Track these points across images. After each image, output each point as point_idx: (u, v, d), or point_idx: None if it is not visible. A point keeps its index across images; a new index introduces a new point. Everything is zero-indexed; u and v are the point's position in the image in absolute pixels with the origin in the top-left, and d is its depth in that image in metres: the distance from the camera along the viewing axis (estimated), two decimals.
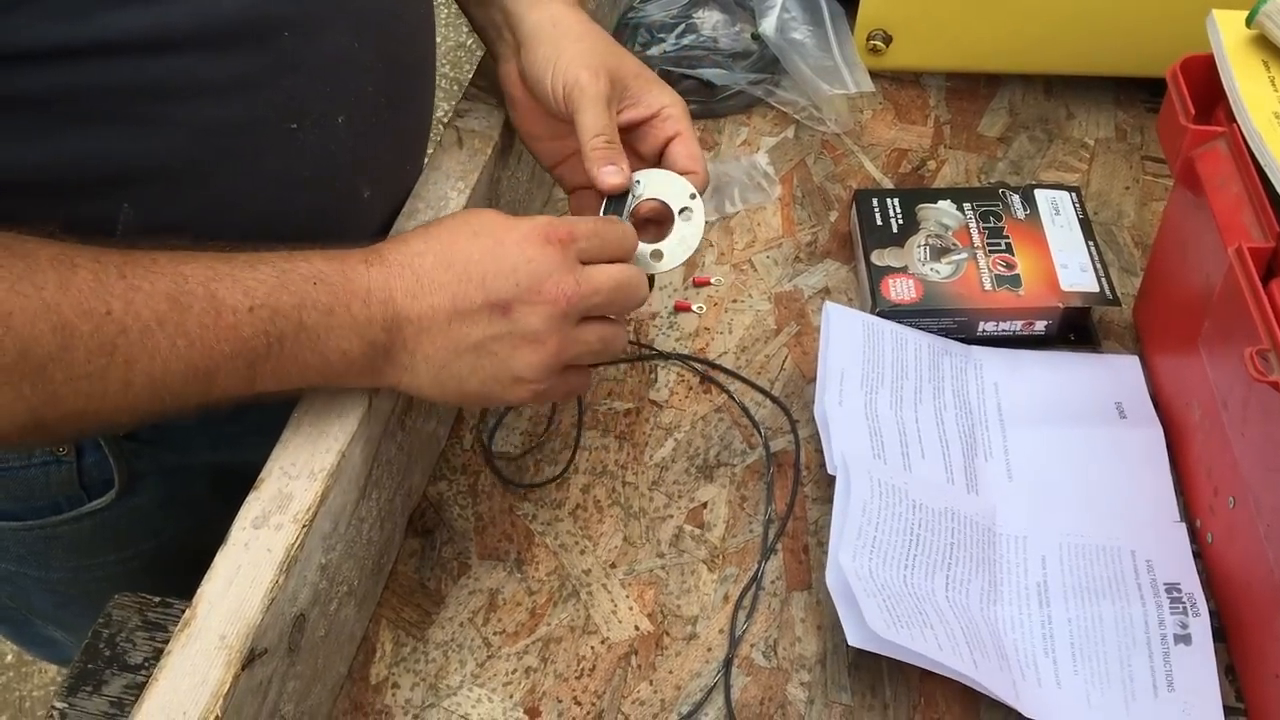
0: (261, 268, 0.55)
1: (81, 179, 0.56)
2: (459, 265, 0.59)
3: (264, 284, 0.55)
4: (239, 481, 0.60)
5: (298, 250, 0.58)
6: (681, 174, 0.69)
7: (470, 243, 0.60)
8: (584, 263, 0.61)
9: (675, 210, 0.69)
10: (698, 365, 0.82)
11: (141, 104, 0.55)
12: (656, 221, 0.70)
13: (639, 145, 0.72)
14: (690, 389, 0.81)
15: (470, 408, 0.72)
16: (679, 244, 0.69)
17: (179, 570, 0.63)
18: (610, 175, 0.67)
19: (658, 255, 0.68)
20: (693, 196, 0.69)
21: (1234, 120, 0.67)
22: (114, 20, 0.52)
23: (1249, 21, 0.69)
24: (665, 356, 0.82)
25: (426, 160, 0.77)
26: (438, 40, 2.64)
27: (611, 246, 0.63)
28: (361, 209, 0.70)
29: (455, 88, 2.54)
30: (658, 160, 0.71)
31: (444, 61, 2.62)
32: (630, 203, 0.69)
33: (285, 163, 0.62)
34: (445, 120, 0.78)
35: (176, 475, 0.77)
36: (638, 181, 0.69)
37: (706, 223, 0.90)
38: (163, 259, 0.53)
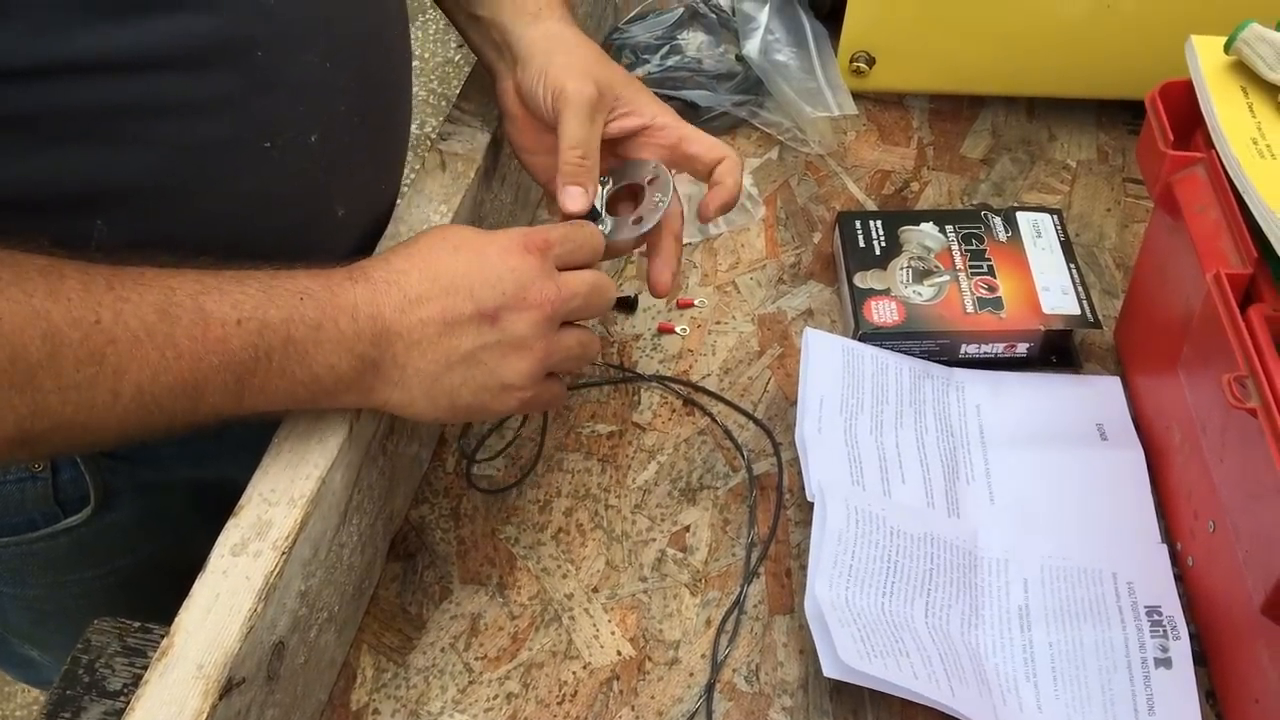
0: (248, 282, 0.56)
1: (55, 197, 0.56)
2: (445, 278, 0.60)
3: (251, 298, 0.55)
4: (217, 498, 0.60)
5: (283, 267, 0.58)
6: (715, 163, 0.72)
7: (452, 257, 0.61)
8: (559, 268, 0.63)
9: (644, 183, 0.72)
10: (680, 388, 0.82)
11: (115, 123, 0.55)
12: (632, 199, 0.73)
13: (638, 154, 0.73)
14: (673, 411, 0.81)
15: (458, 421, 0.72)
16: (653, 208, 0.71)
17: (157, 588, 0.63)
18: (571, 199, 0.69)
19: (638, 220, 0.71)
20: (656, 166, 0.72)
21: (1212, 146, 0.67)
22: (89, 40, 0.52)
23: (1227, 48, 0.70)
24: (647, 379, 0.82)
25: (409, 183, 0.77)
26: (425, 56, 2.65)
27: (584, 250, 0.65)
28: (336, 228, 0.70)
29: (443, 104, 2.54)
30: (669, 161, 0.73)
31: (431, 77, 2.62)
32: (603, 197, 0.72)
33: (259, 182, 0.63)
34: (432, 137, 0.78)
35: (154, 492, 0.77)
36: (605, 180, 0.73)
37: (689, 244, 0.91)
38: (150, 273, 0.53)
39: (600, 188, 0.72)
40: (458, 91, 0.83)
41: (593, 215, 0.70)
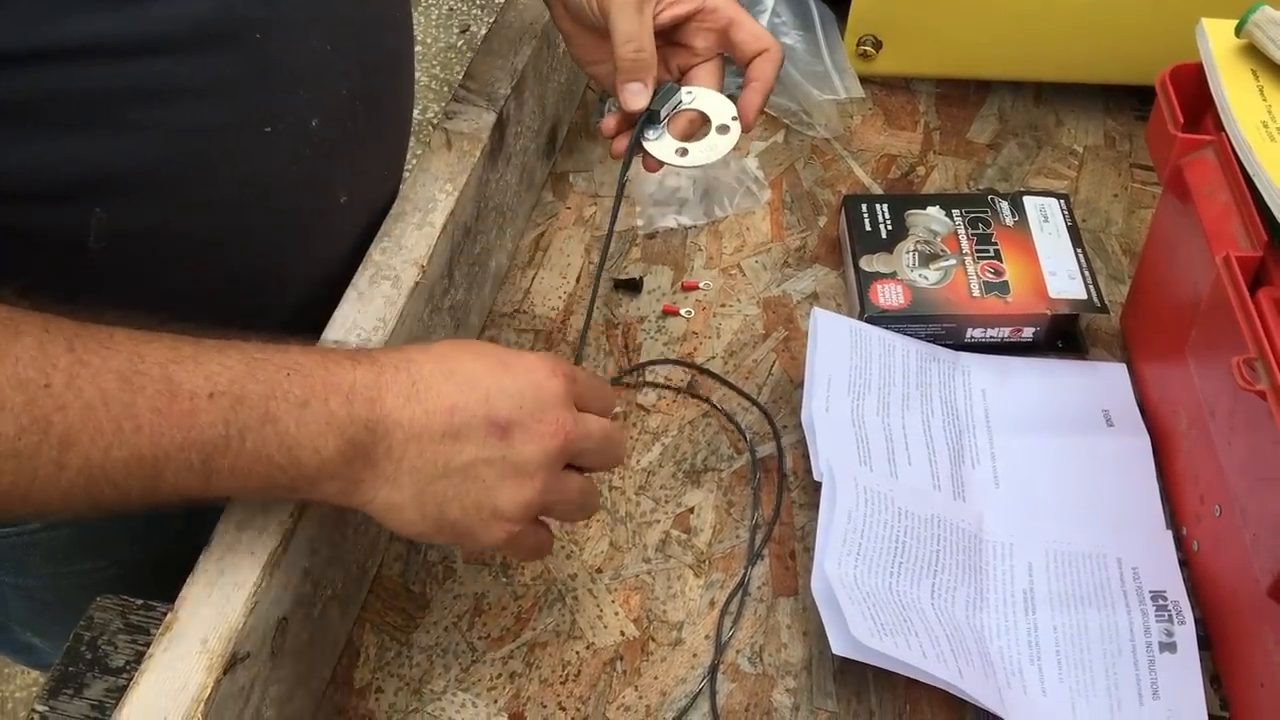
0: (230, 353, 0.51)
1: (54, 183, 0.55)
2: (461, 376, 0.55)
3: (230, 369, 0.50)
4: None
5: (275, 341, 0.54)
6: (755, 55, 0.71)
7: (473, 360, 0.57)
8: (577, 407, 0.59)
9: (714, 124, 0.71)
10: (685, 370, 0.82)
11: (114, 108, 0.54)
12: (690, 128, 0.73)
13: (693, 40, 0.73)
14: (678, 393, 0.80)
15: (439, 542, 0.62)
16: (708, 149, 0.70)
17: (159, 580, 0.62)
18: (633, 95, 0.70)
19: (683, 152, 0.71)
20: (734, 118, 0.71)
21: (1222, 129, 0.67)
22: (86, 24, 0.51)
23: (1238, 31, 0.70)
24: (651, 364, 0.82)
25: (415, 162, 0.76)
26: (428, 41, 2.64)
27: (601, 400, 0.61)
28: (339, 213, 0.69)
29: (445, 89, 2.54)
30: (719, 46, 0.72)
31: (434, 63, 2.61)
32: (676, 105, 0.71)
33: (260, 167, 0.62)
34: (434, 122, 0.78)
35: None
36: (690, 93, 0.72)
37: (694, 226, 0.91)
38: (121, 335, 0.49)
39: (677, 98, 0.71)
40: (459, 78, 0.83)
41: (653, 117, 0.71)
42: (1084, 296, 0.81)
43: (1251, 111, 0.66)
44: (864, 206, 0.87)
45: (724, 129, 0.72)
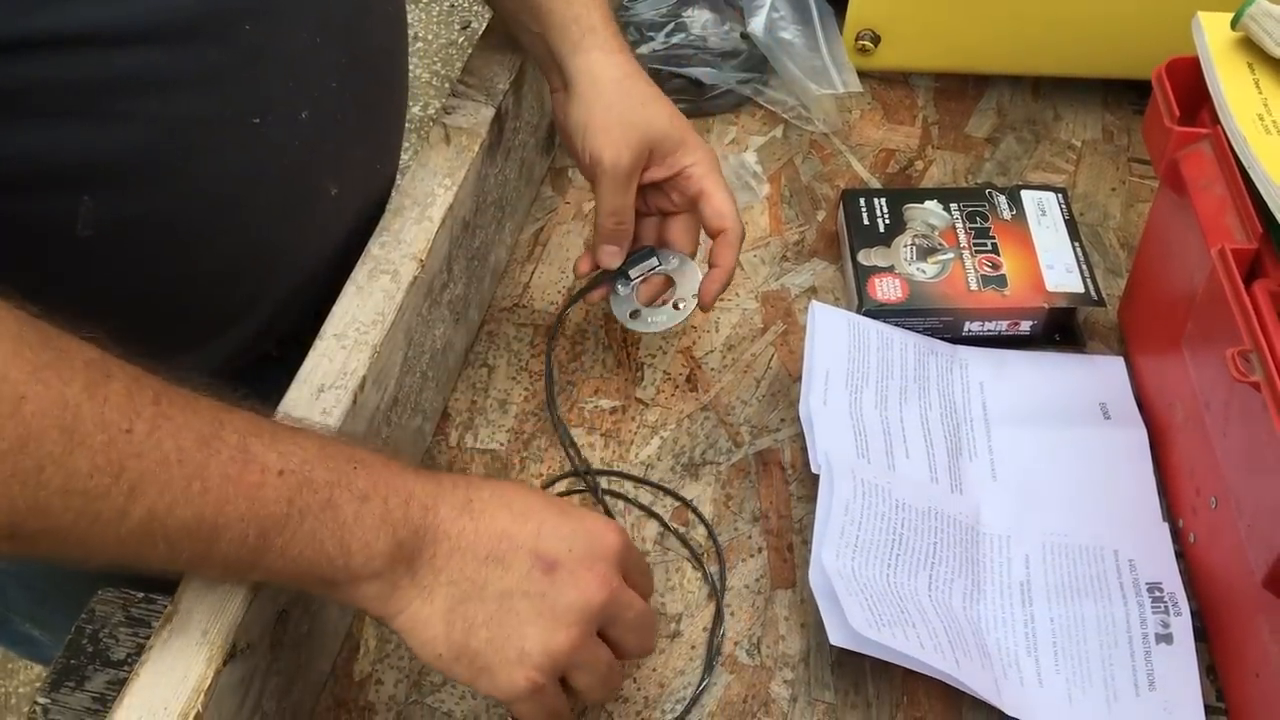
0: (303, 437, 0.52)
1: (41, 172, 0.55)
2: (518, 506, 0.55)
3: (302, 451, 0.51)
4: None
5: (343, 436, 0.56)
6: (716, 233, 0.75)
7: (532, 495, 0.57)
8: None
9: (674, 299, 0.77)
10: (684, 364, 0.82)
11: (101, 97, 0.54)
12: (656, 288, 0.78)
13: (670, 195, 0.76)
14: (676, 387, 0.81)
15: (455, 672, 0.55)
16: (656, 320, 0.76)
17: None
18: (608, 256, 0.75)
19: (635, 314, 0.77)
20: (694, 295, 0.76)
21: (1218, 122, 0.67)
22: (73, 12, 0.51)
23: (1234, 24, 0.70)
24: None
25: (414, 156, 0.77)
26: (429, 38, 2.64)
27: (645, 579, 0.60)
28: (330, 207, 0.69)
29: (446, 85, 2.54)
30: (691, 207, 0.76)
31: (435, 59, 2.61)
32: (649, 269, 0.77)
33: (248, 157, 0.62)
34: (434, 117, 0.78)
35: None
36: (670, 258, 0.78)
37: None
38: (205, 401, 0.50)
39: (655, 258, 0.77)
40: (459, 74, 0.83)
41: (622, 275, 0.77)
42: (1081, 290, 0.81)
43: (1247, 105, 0.66)
44: (862, 201, 0.87)
45: (680, 304, 0.76)
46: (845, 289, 0.86)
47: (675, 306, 0.77)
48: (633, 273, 0.77)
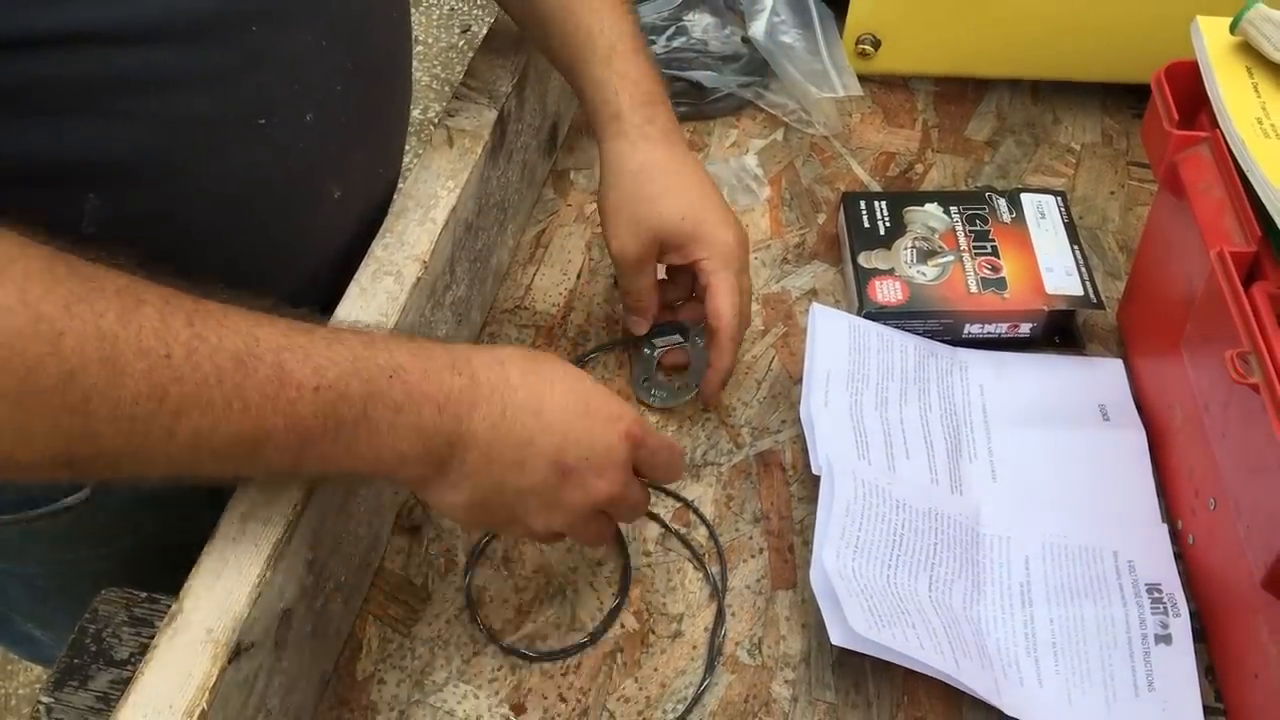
0: (338, 348, 0.53)
1: (46, 170, 0.55)
2: (547, 415, 0.59)
3: (337, 365, 0.53)
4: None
5: (379, 336, 0.57)
6: (711, 330, 0.76)
7: (564, 398, 0.60)
8: (634, 469, 0.63)
9: (685, 381, 0.81)
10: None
11: (108, 96, 0.55)
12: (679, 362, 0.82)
13: (688, 281, 0.81)
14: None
15: (468, 529, 0.71)
16: (653, 394, 0.80)
17: (159, 567, 0.63)
18: (634, 325, 0.81)
19: (646, 381, 0.81)
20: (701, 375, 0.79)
21: (1217, 126, 0.68)
22: (81, 11, 0.51)
23: (1233, 28, 0.70)
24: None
25: (417, 159, 0.77)
26: (429, 41, 2.65)
27: (664, 467, 0.65)
28: (333, 209, 0.69)
29: (447, 89, 2.54)
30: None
31: (435, 63, 2.62)
32: (671, 343, 0.81)
33: (252, 158, 0.62)
34: (436, 121, 0.79)
35: None
36: (697, 341, 0.81)
37: None
38: (236, 316, 0.51)
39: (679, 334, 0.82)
40: (460, 78, 0.83)
41: (648, 342, 0.82)
42: (1081, 293, 0.81)
43: (1246, 108, 0.67)
44: (862, 203, 0.87)
45: (685, 387, 0.80)
46: (846, 291, 0.87)
47: (680, 387, 0.80)
48: (657, 342, 0.81)
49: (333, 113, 0.65)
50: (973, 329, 0.82)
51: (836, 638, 0.63)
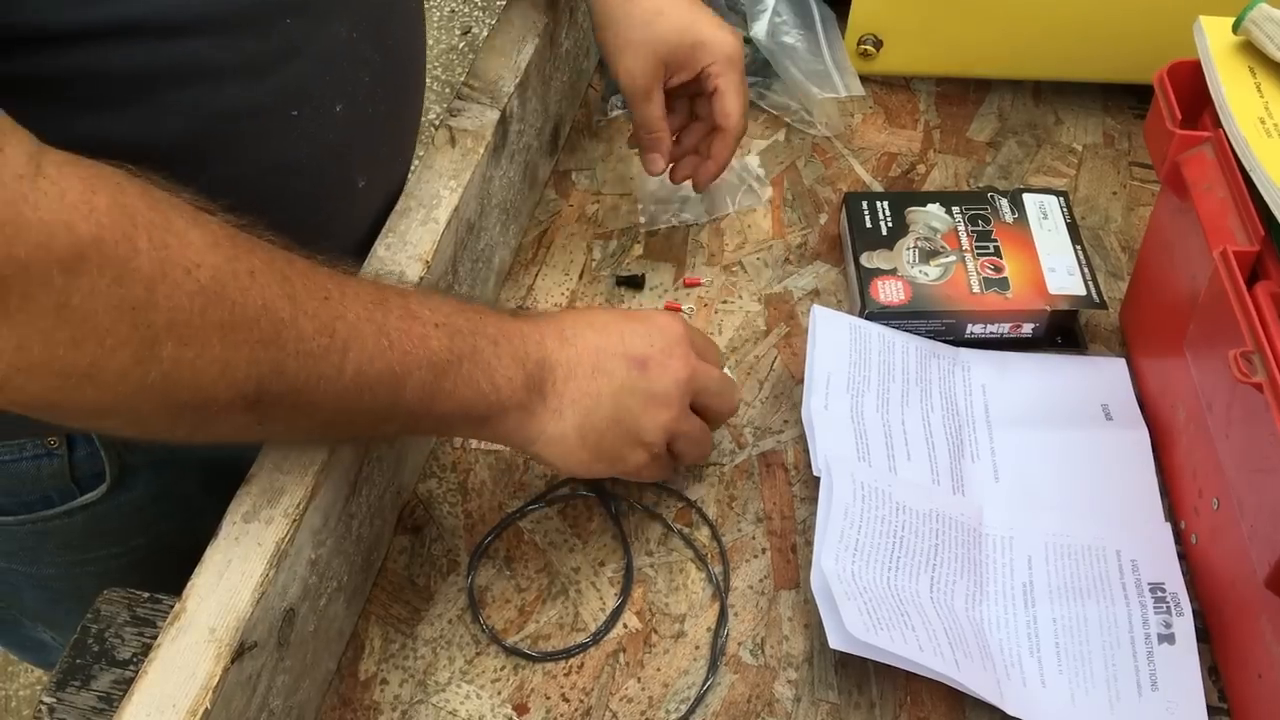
0: (436, 296, 0.60)
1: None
2: (599, 324, 0.65)
3: (443, 307, 0.58)
4: (232, 477, 0.60)
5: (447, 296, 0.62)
6: (717, 125, 0.82)
7: (607, 313, 0.67)
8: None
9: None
10: None
11: (152, 88, 0.56)
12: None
13: (697, 96, 0.85)
14: None
15: (593, 473, 0.67)
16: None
17: (172, 567, 0.63)
18: (652, 164, 0.84)
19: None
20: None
21: (1220, 125, 0.68)
22: (128, 5, 0.53)
23: (1235, 28, 0.70)
24: None
25: (419, 159, 0.77)
26: (430, 43, 2.65)
27: (713, 353, 0.70)
28: (356, 198, 0.71)
29: (447, 90, 2.54)
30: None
31: (435, 64, 2.62)
32: None
33: (284, 149, 0.63)
34: (437, 122, 0.79)
35: (168, 469, 0.77)
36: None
37: (696, 224, 0.91)
38: (349, 270, 0.56)
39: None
40: (462, 79, 0.84)
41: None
42: (1083, 293, 0.81)
43: (1249, 108, 0.67)
44: (864, 203, 0.87)
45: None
46: (848, 291, 0.87)
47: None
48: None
49: (360, 104, 0.67)
50: (975, 329, 0.82)
51: (835, 641, 0.63)
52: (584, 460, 0.64)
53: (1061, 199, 0.88)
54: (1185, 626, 0.67)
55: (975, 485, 0.74)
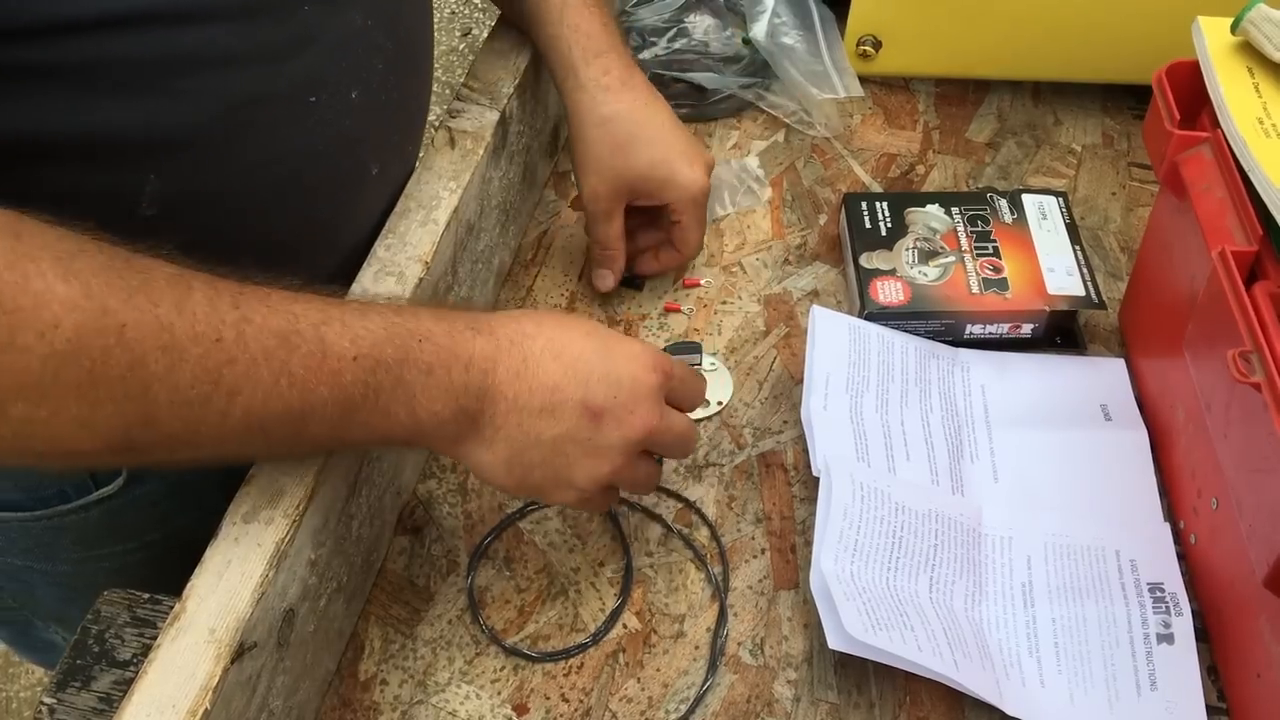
0: (372, 317, 0.56)
1: (110, 149, 0.57)
2: (568, 358, 0.60)
3: (371, 334, 0.55)
4: (243, 474, 0.60)
5: (406, 305, 0.59)
6: (677, 250, 0.83)
7: (583, 341, 0.61)
8: (667, 402, 0.63)
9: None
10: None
11: (172, 75, 0.56)
12: None
13: (658, 221, 0.84)
14: None
15: (515, 495, 0.70)
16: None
17: (186, 562, 0.63)
18: (601, 280, 0.83)
19: None
20: (718, 403, 0.80)
21: (1218, 125, 0.68)
22: None
23: (1234, 28, 0.70)
24: None
25: (419, 159, 0.77)
26: None
27: (692, 395, 0.66)
28: (369, 186, 0.71)
29: (447, 92, 2.55)
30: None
31: (436, 66, 2.62)
32: (689, 363, 0.77)
33: (301, 135, 0.64)
34: (437, 123, 0.79)
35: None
36: (714, 363, 0.82)
37: None
38: (275, 295, 0.53)
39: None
40: (461, 80, 0.84)
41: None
42: (1082, 293, 0.81)
43: (1247, 108, 0.67)
44: (864, 204, 0.87)
45: (704, 403, 0.77)
46: (847, 292, 0.87)
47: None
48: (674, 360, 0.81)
49: (374, 91, 0.67)
50: (974, 329, 0.82)
51: (833, 642, 0.63)
52: (506, 486, 0.62)
53: (1060, 199, 0.88)
54: (1184, 626, 0.67)
55: (974, 485, 0.74)
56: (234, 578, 0.55)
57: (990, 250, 0.84)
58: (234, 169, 0.61)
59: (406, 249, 0.71)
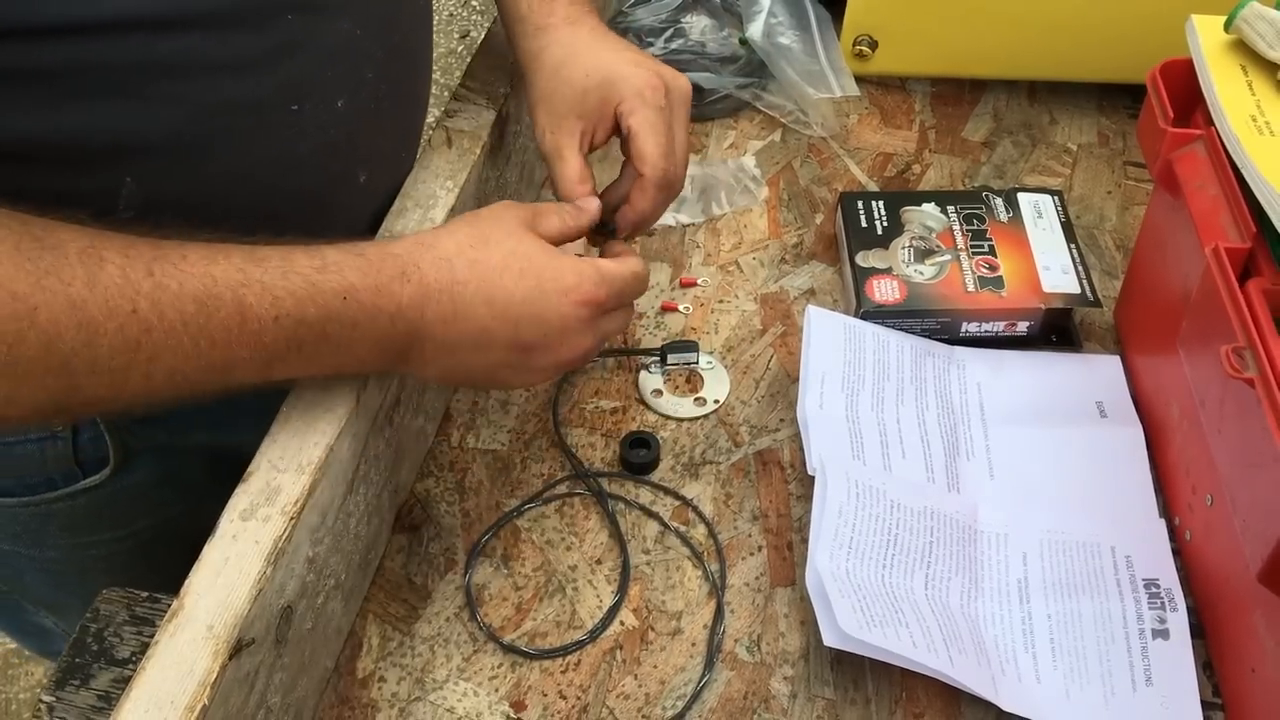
0: (293, 277, 0.56)
1: (86, 152, 0.57)
2: (499, 304, 0.61)
3: (293, 295, 0.56)
4: (234, 464, 0.60)
5: (331, 258, 0.58)
6: (636, 172, 0.72)
7: (515, 282, 0.62)
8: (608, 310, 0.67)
9: (698, 394, 0.81)
10: (684, 365, 0.82)
11: (148, 81, 0.56)
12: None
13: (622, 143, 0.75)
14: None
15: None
16: (671, 406, 0.80)
17: (174, 553, 0.63)
18: (585, 205, 0.72)
19: (658, 393, 0.81)
20: (715, 401, 0.80)
21: (1212, 123, 0.68)
22: (123, 1, 0.53)
23: (1227, 26, 0.71)
24: (649, 353, 0.83)
25: (416, 158, 0.77)
26: None
27: (634, 292, 0.69)
28: (358, 193, 0.71)
29: (445, 94, 2.55)
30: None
31: (434, 68, 2.62)
32: (687, 361, 0.82)
33: (285, 143, 0.63)
34: (434, 123, 0.79)
35: (171, 455, 0.77)
36: (712, 362, 0.82)
37: (692, 224, 0.92)
38: (193, 256, 0.53)
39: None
40: (458, 83, 0.84)
41: (661, 358, 0.82)
42: (1078, 291, 0.82)
43: (1240, 106, 0.67)
44: (860, 203, 0.88)
45: (700, 401, 0.80)
46: (844, 291, 0.87)
47: (696, 402, 0.80)
48: (671, 358, 0.81)
49: (363, 99, 0.67)
50: (970, 327, 0.82)
51: (829, 639, 0.63)
52: (443, 385, 0.70)
53: (1056, 198, 0.88)
54: (1179, 622, 0.67)
55: (970, 483, 0.75)
56: (232, 574, 0.56)
57: (986, 249, 0.84)
58: (212, 174, 0.61)
59: None
